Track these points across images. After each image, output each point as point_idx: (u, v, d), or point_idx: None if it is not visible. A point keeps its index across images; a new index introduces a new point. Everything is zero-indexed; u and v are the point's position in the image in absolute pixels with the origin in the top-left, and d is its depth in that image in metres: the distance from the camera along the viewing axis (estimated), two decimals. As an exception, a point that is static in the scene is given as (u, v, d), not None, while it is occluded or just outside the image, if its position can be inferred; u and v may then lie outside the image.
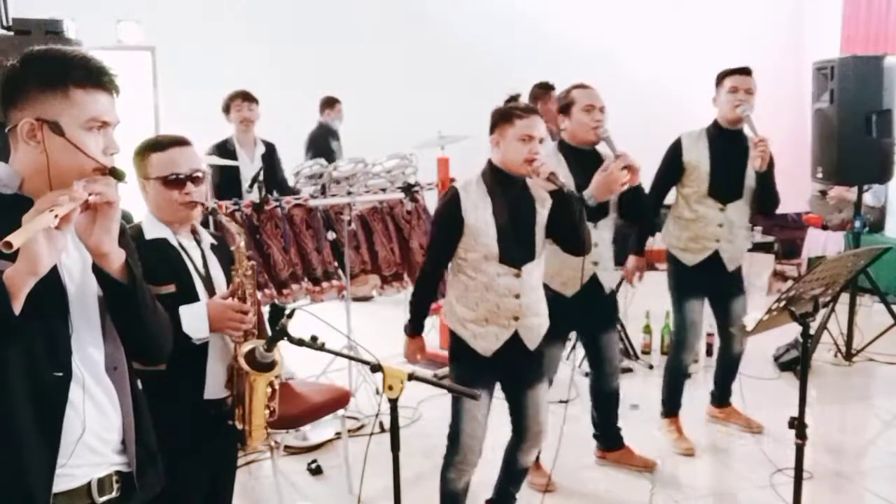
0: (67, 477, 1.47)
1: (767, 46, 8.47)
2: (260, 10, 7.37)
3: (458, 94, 7.00)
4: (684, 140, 3.87)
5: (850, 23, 8.06)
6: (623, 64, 7.93)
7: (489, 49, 7.72)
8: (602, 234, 3.40)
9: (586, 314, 3.44)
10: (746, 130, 3.76)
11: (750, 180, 3.82)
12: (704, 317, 4.06)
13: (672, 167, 3.87)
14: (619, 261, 3.73)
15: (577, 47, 7.93)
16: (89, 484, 1.51)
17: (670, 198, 4.01)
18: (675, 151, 3.86)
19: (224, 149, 4.98)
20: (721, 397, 4.30)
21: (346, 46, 7.47)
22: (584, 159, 3.35)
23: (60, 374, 1.44)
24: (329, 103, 7.15)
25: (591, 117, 3.32)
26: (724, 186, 3.81)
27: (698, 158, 3.82)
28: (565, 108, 3.38)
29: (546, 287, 3.22)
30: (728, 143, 3.82)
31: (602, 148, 3.41)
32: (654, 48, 8.33)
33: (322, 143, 6.87)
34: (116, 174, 1.46)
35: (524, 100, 2.96)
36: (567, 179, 3.26)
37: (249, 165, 5.00)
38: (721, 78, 3.84)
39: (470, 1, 7.99)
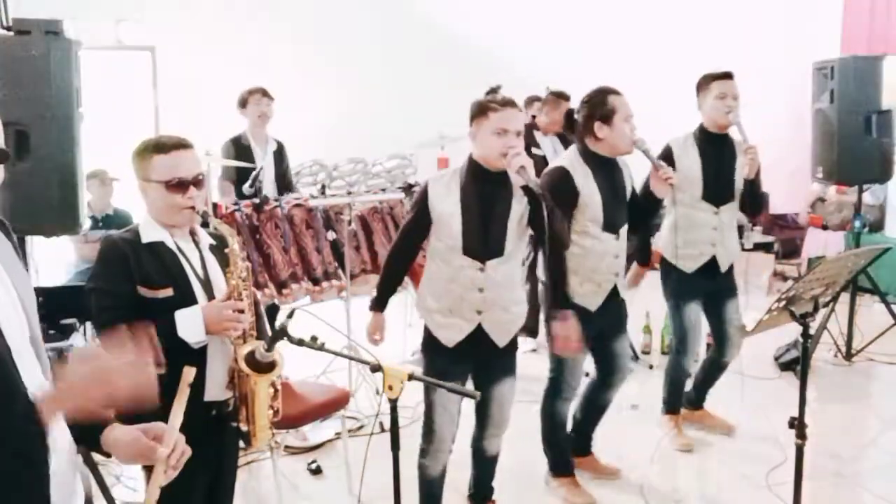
0: None
1: (767, 46, 8.46)
2: (260, 10, 7.36)
3: (458, 94, 6.98)
4: (674, 147, 3.82)
5: (850, 23, 8.05)
6: (623, 63, 7.91)
7: (490, 49, 7.71)
8: (622, 243, 3.36)
9: (608, 323, 3.40)
10: (735, 134, 3.78)
11: (739, 183, 3.81)
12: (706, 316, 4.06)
13: None
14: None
15: (577, 47, 7.93)
16: None
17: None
18: (667, 158, 3.70)
19: (239, 143, 5.03)
20: (696, 400, 4.25)
21: (346, 46, 7.47)
22: (608, 170, 3.30)
23: (37, 428, 1.37)
24: (530, 101, 7.10)
25: (630, 127, 3.23)
26: (716, 190, 3.79)
27: (689, 164, 3.78)
28: (605, 116, 3.20)
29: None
30: (717, 147, 3.81)
31: (621, 158, 3.36)
32: (654, 48, 8.32)
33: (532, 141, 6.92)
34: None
35: (514, 94, 2.89)
36: (593, 193, 3.22)
37: (263, 161, 5.04)
38: (706, 83, 3.80)
39: (471, 1, 7.98)
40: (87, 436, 1.52)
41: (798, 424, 2.67)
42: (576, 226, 3.22)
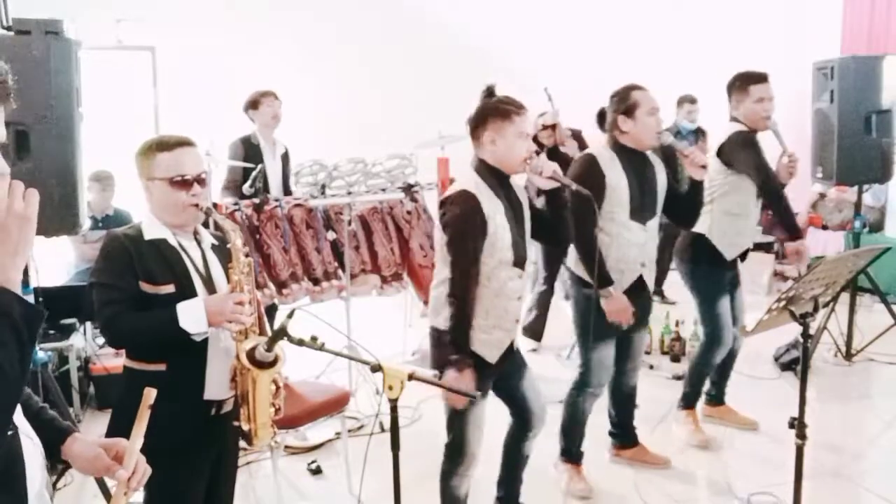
0: None
1: (767, 46, 8.46)
2: (260, 10, 7.36)
3: (457, 94, 7.00)
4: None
5: (850, 23, 8.05)
6: (623, 64, 7.91)
7: (489, 49, 7.71)
8: (651, 234, 3.39)
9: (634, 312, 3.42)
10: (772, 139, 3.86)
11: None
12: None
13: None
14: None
15: (577, 47, 7.94)
16: None
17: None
18: (756, 149, 3.78)
19: (249, 143, 5.03)
20: (717, 396, 4.30)
21: (346, 46, 7.47)
22: (637, 162, 3.35)
23: (10, 431, 1.35)
24: (680, 102, 6.93)
25: (656, 120, 3.30)
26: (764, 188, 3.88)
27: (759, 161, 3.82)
28: (629, 109, 3.29)
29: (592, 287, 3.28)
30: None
31: (650, 152, 3.41)
32: (654, 48, 8.33)
33: None
34: None
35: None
36: (620, 179, 3.29)
37: (272, 162, 5.04)
38: (745, 84, 3.81)
39: (471, 2, 7.99)
40: (47, 446, 1.50)
41: (798, 424, 2.67)
42: (602, 213, 3.25)
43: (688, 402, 4.16)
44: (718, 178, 3.84)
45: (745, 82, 3.82)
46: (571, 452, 3.61)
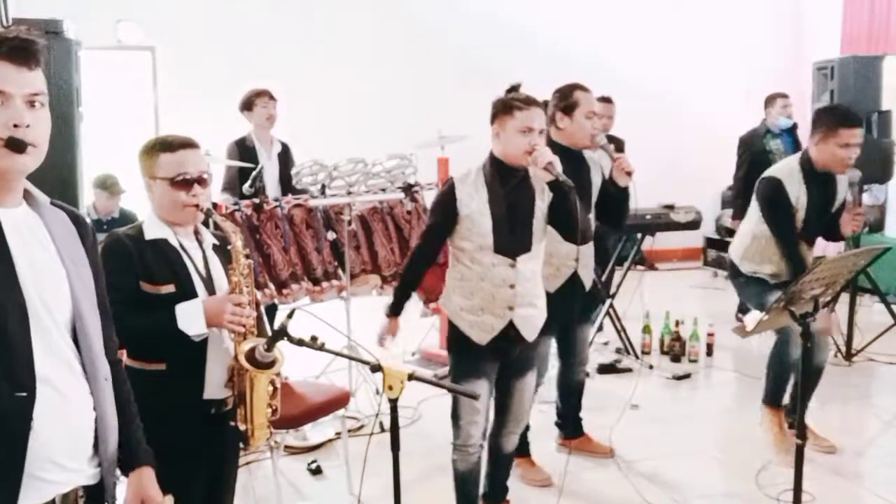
0: (35, 489, 1.40)
1: (767, 46, 8.47)
2: (260, 9, 7.37)
3: (458, 94, 7.01)
4: (786, 182, 3.66)
5: (850, 23, 8.05)
6: (622, 65, 7.92)
7: (489, 50, 7.72)
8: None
9: (566, 308, 3.43)
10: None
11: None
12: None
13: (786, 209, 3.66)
14: (596, 259, 3.66)
15: (576, 48, 7.93)
16: (53, 500, 1.43)
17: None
18: (782, 193, 3.64)
19: (244, 146, 5.01)
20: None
21: (346, 46, 7.48)
22: (574, 161, 3.33)
23: (24, 394, 1.36)
24: (770, 99, 6.09)
25: (591, 124, 3.35)
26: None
27: (798, 197, 3.67)
28: (568, 108, 3.35)
29: None
30: (820, 181, 3.71)
31: (587, 152, 3.43)
32: (653, 49, 8.34)
33: (756, 143, 5.97)
34: (14, 145, 1.36)
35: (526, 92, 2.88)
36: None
37: (268, 163, 5.03)
38: (834, 127, 3.53)
39: (470, 2, 7.99)
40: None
41: (798, 424, 2.67)
42: None
43: (771, 398, 3.91)
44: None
45: (834, 124, 3.55)
46: (518, 447, 3.47)
